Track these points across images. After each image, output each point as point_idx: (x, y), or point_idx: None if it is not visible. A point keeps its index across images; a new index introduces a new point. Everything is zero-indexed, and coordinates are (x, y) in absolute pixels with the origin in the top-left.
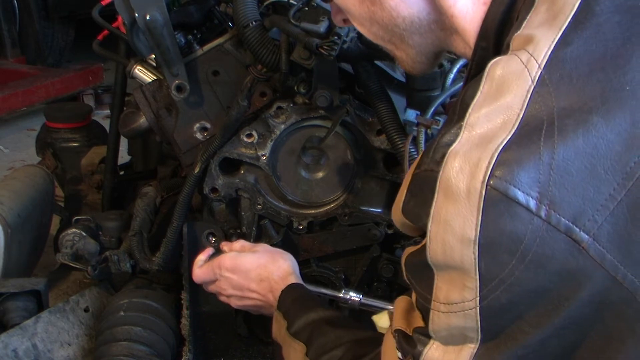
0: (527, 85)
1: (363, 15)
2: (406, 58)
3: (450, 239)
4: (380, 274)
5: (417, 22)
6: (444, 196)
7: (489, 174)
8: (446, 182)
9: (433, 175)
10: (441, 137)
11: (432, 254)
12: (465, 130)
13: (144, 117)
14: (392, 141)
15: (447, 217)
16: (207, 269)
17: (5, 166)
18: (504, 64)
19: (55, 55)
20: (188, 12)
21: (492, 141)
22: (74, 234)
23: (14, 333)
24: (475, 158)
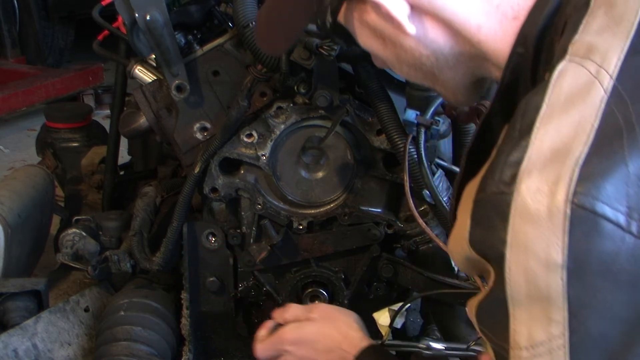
0: (600, 95)
1: (390, 59)
2: (446, 92)
3: (533, 265)
4: (380, 274)
5: (442, 57)
6: (521, 220)
7: (573, 191)
8: (522, 205)
9: (504, 198)
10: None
11: (512, 285)
12: (534, 145)
13: (144, 117)
14: (392, 141)
15: (528, 241)
16: (269, 345)
17: (5, 166)
18: (571, 75)
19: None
20: (188, 12)
21: (568, 155)
22: (74, 234)
23: (14, 333)
24: (553, 175)
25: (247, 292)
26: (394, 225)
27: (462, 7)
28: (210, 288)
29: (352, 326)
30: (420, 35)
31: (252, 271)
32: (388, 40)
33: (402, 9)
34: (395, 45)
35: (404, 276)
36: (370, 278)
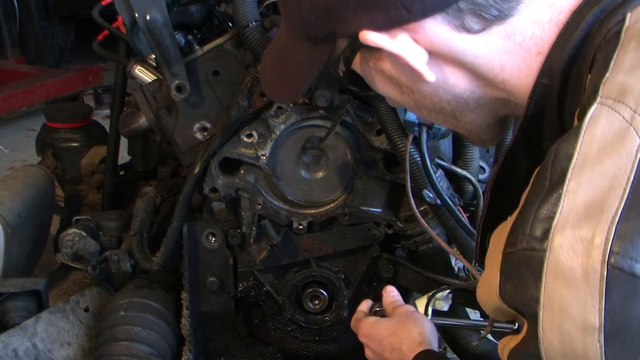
0: (636, 144)
1: (409, 104)
2: (469, 134)
3: (568, 327)
4: (380, 273)
5: (463, 101)
6: (555, 279)
7: (609, 252)
8: (556, 264)
9: (537, 255)
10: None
11: (547, 345)
12: (566, 198)
13: (144, 117)
14: (392, 141)
15: (563, 303)
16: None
17: (5, 166)
18: (603, 121)
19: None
20: (188, 12)
21: (603, 211)
22: (74, 234)
23: (14, 333)
24: (588, 233)
25: (247, 292)
26: (394, 225)
27: (483, 49)
28: (210, 288)
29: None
30: (440, 81)
31: (252, 271)
32: (405, 88)
33: (421, 58)
34: (414, 92)
35: (404, 276)
36: (370, 278)
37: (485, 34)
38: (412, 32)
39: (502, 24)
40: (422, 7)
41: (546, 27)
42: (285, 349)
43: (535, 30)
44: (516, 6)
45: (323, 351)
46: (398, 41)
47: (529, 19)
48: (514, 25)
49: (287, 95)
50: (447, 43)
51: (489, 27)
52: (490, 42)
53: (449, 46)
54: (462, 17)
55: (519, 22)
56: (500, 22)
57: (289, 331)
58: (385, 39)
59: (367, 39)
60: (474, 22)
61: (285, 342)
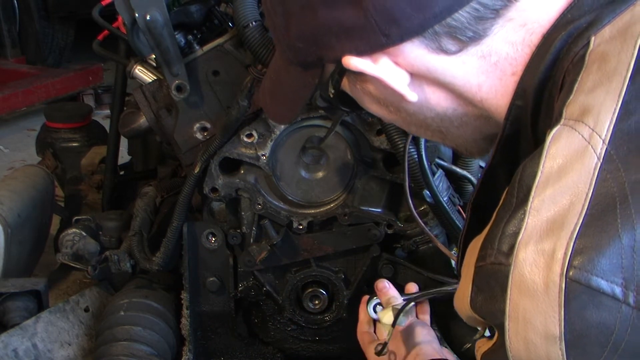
0: (593, 162)
1: (397, 121)
2: (457, 147)
3: (532, 337)
4: (380, 273)
5: (447, 119)
6: (519, 292)
7: (567, 265)
8: (520, 277)
9: (503, 269)
10: (504, 224)
11: (514, 354)
12: (530, 215)
13: (144, 117)
14: (392, 141)
15: (526, 314)
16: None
17: (5, 166)
18: (564, 140)
19: (55, 55)
20: (188, 12)
21: (563, 227)
22: (74, 234)
23: (14, 333)
24: (549, 248)
25: (247, 292)
26: (394, 225)
27: (460, 69)
28: (210, 288)
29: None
30: (423, 100)
31: (252, 271)
32: (392, 107)
33: (401, 80)
34: (400, 111)
35: (404, 276)
36: (370, 278)
37: (462, 55)
38: (392, 56)
39: (477, 45)
40: (399, 32)
41: (519, 47)
42: (285, 349)
43: (510, 51)
44: (490, 27)
45: (323, 351)
46: (379, 65)
47: (503, 39)
48: (489, 45)
49: (285, 118)
50: (426, 65)
51: (466, 48)
52: (468, 63)
53: (428, 67)
54: (438, 39)
55: (493, 43)
56: (476, 42)
57: (289, 331)
58: (367, 63)
59: (349, 64)
60: (451, 43)
61: (285, 342)
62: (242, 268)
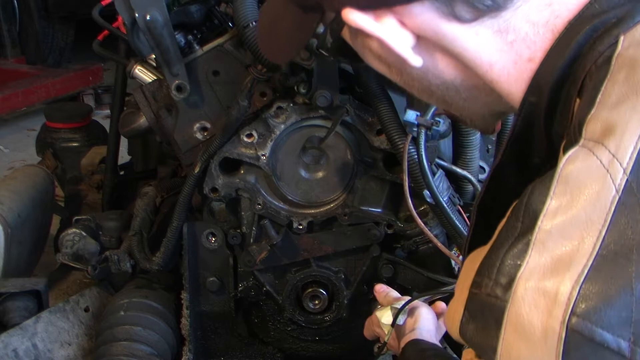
0: (611, 195)
1: (399, 81)
2: (462, 118)
3: None
4: (380, 273)
5: (454, 88)
6: (515, 333)
7: (570, 312)
8: (516, 317)
9: (498, 303)
10: (504, 252)
11: None
12: (535, 248)
13: (144, 117)
14: (392, 141)
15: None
16: None
17: (5, 166)
18: (580, 164)
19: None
20: (188, 12)
21: (570, 267)
22: (74, 234)
23: (14, 333)
24: (552, 289)
25: (247, 292)
26: (394, 225)
27: (472, 41)
28: (210, 288)
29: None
30: (429, 66)
31: (252, 271)
32: (394, 68)
33: (405, 43)
34: (402, 74)
35: (404, 276)
36: (370, 278)
37: (476, 25)
38: (398, 15)
39: (495, 17)
40: None
41: (541, 30)
42: (285, 349)
43: (530, 31)
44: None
45: (323, 351)
46: (383, 23)
47: (524, 16)
48: (508, 21)
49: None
50: (435, 30)
51: (481, 18)
52: (481, 36)
53: (436, 33)
54: (452, 4)
55: (513, 19)
56: (494, 14)
57: (289, 331)
58: (368, 20)
59: (348, 19)
60: (465, 10)
61: (285, 342)
62: (242, 268)
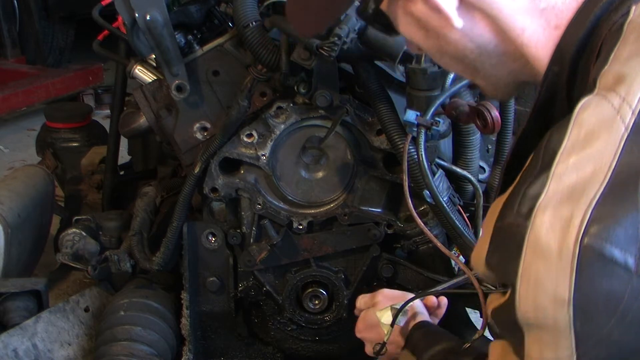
0: (620, 133)
1: (432, 49)
2: (486, 86)
3: (542, 299)
4: (380, 273)
5: (486, 53)
6: (533, 254)
7: (583, 232)
8: (535, 240)
9: (520, 230)
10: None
11: (521, 314)
12: (553, 180)
13: (144, 117)
14: (392, 141)
15: (538, 276)
16: None
17: (5, 166)
18: (593, 108)
19: (55, 55)
20: (188, 12)
21: (583, 194)
22: (74, 234)
23: (14, 333)
24: (567, 214)
25: (247, 292)
26: (394, 225)
27: (509, 4)
28: (210, 288)
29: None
30: (467, 29)
31: (252, 271)
32: (432, 32)
33: (451, 2)
34: (439, 37)
35: (404, 276)
36: (370, 278)
37: None
38: None
39: None
40: None
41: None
42: (285, 349)
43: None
44: None
45: (323, 351)
46: None
47: None
48: None
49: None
50: None
51: None
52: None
53: None
54: None
55: None
56: None
57: (289, 331)
58: None
59: None
60: None
61: (285, 342)
62: (242, 268)
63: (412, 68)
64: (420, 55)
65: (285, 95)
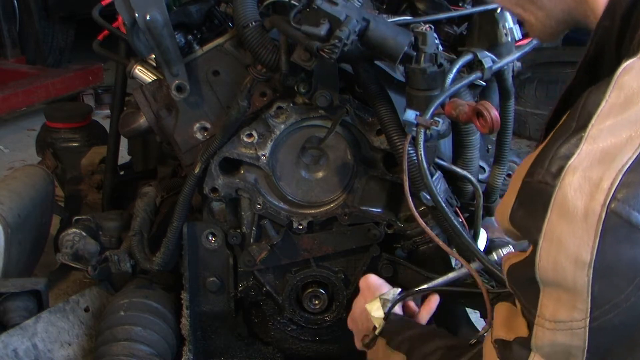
0: None
1: None
2: (535, 22)
3: (562, 259)
4: (380, 273)
5: None
6: (559, 214)
7: (611, 196)
8: (562, 200)
9: (547, 189)
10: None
11: (541, 271)
12: (586, 142)
13: (144, 117)
14: (391, 141)
15: (561, 236)
16: None
17: (5, 166)
18: (635, 73)
19: (55, 55)
20: (188, 12)
21: (615, 159)
22: (74, 234)
23: (14, 333)
24: (596, 177)
25: (247, 292)
26: (394, 225)
27: None
28: (210, 288)
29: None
30: None
31: (252, 271)
32: None
33: None
34: None
35: (404, 276)
36: None
37: None
38: None
39: None
40: None
41: None
42: (285, 349)
43: None
44: None
45: (323, 351)
46: None
47: None
48: None
49: None
50: None
51: None
52: None
53: None
54: None
55: None
56: None
57: (289, 331)
58: None
59: None
60: None
61: (285, 342)
62: (242, 268)
63: (411, 68)
64: (420, 55)
65: (285, 95)
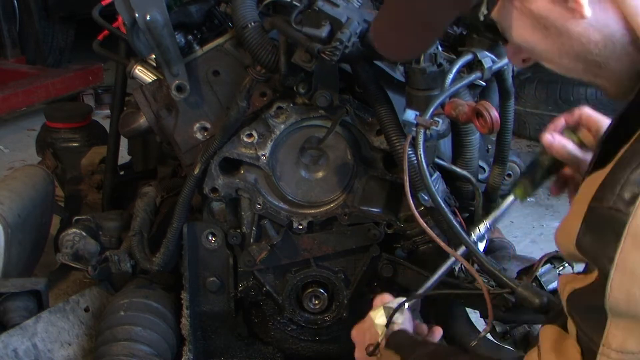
0: None
1: (550, 50)
2: (608, 85)
3: (636, 291)
4: (380, 274)
5: (611, 45)
6: (633, 244)
7: None
8: (636, 229)
9: (620, 217)
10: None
11: (612, 302)
12: None
13: (144, 117)
14: (390, 142)
15: (635, 267)
16: None
17: (5, 166)
18: None
19: (55, 55)
20: (188, 12)
21: None
22: (74, 234)
23: (14, 333)
24: None
25: (247, 292)
26: (394, 225)
27: None
28: (210, 288)
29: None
30: (592, 19)
31: (252, 271)
32: (553, 29)
33: None
34: (561, 34)
35: (404, 276)
36: (370, 278)
37: None
38: None
39: None
40: None
41: None
42: (285, 349)
43: None
44: None
45: (323, 351)
46: None
47: None
48: None
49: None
50: None
51: None
52: None
53: None
54: None
55: None
56: None
57: (289, 331)
58: None
59: None
60: None
61: (285, 342)
62: (242, 268)
63: (411, 68)
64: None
65: (285, 96)
